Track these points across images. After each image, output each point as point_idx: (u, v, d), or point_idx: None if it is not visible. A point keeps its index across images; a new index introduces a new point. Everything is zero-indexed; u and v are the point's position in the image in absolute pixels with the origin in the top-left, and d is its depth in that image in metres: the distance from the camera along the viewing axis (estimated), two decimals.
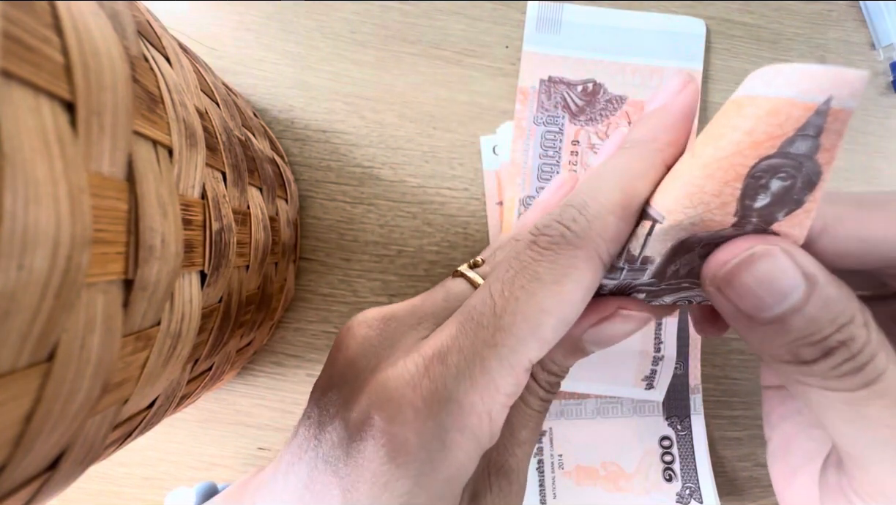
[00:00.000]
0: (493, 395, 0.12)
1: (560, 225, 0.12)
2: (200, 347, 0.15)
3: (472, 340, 0.12)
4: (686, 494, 0.26)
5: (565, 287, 0.12)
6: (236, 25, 0.27)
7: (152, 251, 0.10)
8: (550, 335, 0.12)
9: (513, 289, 0.12)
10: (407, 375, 0.12)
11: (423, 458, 0.12)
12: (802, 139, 0.09)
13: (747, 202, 0.11)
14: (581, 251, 0.12)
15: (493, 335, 0.12)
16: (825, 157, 0.10)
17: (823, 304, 0.11)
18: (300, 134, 0.27)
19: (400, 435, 0.12)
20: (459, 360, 0.12)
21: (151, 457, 0.27)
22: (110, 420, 0.11)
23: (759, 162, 0.10)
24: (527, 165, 0.27)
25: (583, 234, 0.12)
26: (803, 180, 0.10)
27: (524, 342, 0.12)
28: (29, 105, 0.07)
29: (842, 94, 0.09)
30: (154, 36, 0.13)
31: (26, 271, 0.07)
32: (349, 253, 0.27)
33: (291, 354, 0.27)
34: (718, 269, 0.12)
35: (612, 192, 0.12)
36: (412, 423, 0.12)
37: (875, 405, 0.11)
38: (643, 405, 0.27)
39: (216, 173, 0.15)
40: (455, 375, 0.12)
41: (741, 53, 0.29)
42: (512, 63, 0.28)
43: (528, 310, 0.12)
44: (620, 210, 0.12)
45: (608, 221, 0.12)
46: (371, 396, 0.12)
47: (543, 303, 0.12)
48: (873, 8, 0.29)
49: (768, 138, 0.10)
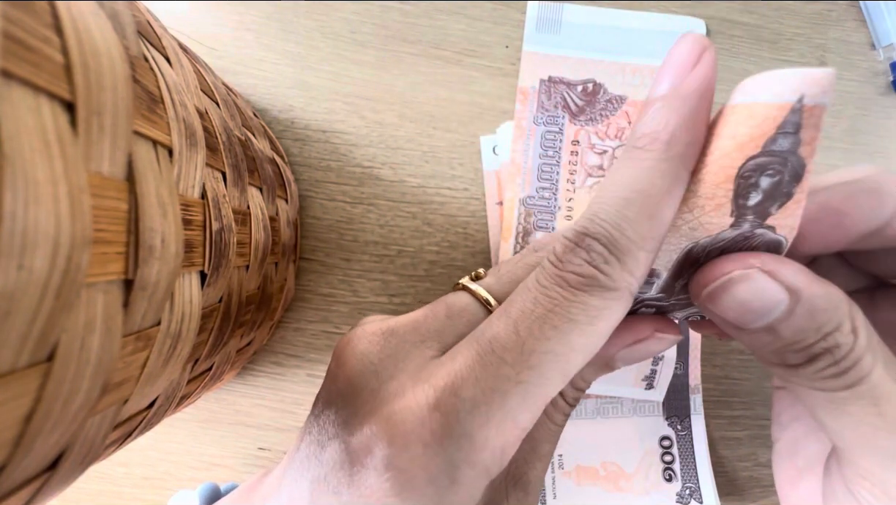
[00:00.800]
0: (509, 429, 0.12)
1: (590, 267, 0.11)
2: (200, 347, 0.15)
3: (492, 375, 0.12)
4: (686, 494, 0.26)
5: (597, 327, 0.12)
6: (236, 25, 0.27)
7: (152, 251, 0.10)
8: (574, 372, 0.12)
9: (543, 328, 0.11)
10: (416, 407, 0.12)
11: (430, 493, 0.11)
12: (783, 136, 0.10)
13: (741, 201, 0.11)
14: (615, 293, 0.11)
15: (518, 373, 0.11)
16: (807, 150, 0.10)
17: (808, 314, 0.11)
18: (300, 134, 0.27)
19: (408, 471, 0.11)
20: (476, 393, 0.11)
21: (151, 457, 0.27)
22: (110, 420, 0.11)
23: (747, 162, 0.10)
24: (527, 165, 0.27)
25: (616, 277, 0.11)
26: (790, 174, 0.11)
27: (550, 381, 0.12)
28: (29, 105, 0.07)
29: (813, 91, 0.10)
30: (154, 36, 0.13)
31: (26, 271, 0.07)
32: (349, 253, 0.27)
33: (291, 353, 0.27)
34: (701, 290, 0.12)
35: (640, 222, 0.11)
36: (420, 458, 0.11)
37: (857, 404, 0.11)
38: (643, 405, 0.27)
39: (216, 173, 0.15)
40: (469, 409, 0.11)
41: (741, 53, 0.29)
42: (512, 63, 0.28)
43: (560, 350, 0.11)
44: (651, 242, 0.11)
45: (640, 259, 0.11)
46: (375, 427, 0.12)
47: (575, 343, 0.11)
48: (873, 8, 0.29)
49: (751, 139, 0.10)
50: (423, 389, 0.12)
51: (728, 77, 0.28)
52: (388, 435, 0.12)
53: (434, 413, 0.11)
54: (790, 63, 0.29)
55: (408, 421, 0.12)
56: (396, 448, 0.11)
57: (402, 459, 0.11)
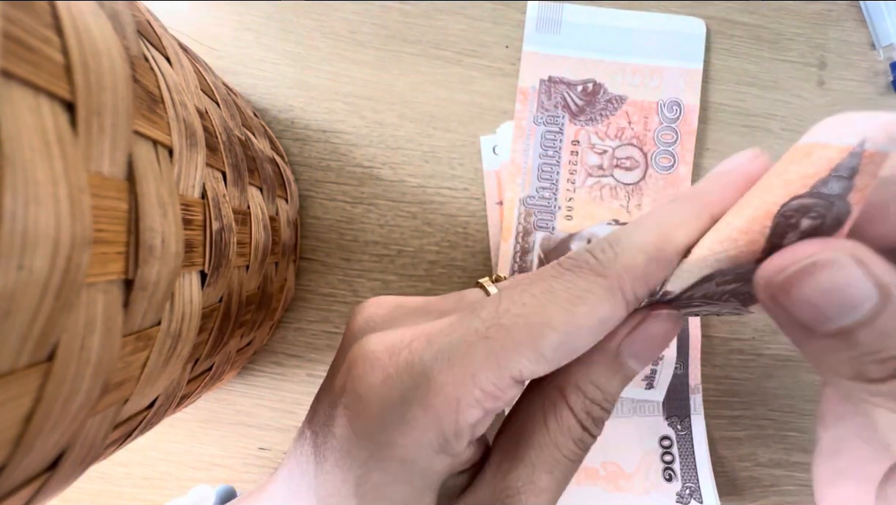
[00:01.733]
0: (467, 383, 0.11)
1: (588, 253, 0.12)
2: (200, 346, 0.15)
3: (464, 327, 0.12)
4: (686, 494, 0.26)
5: (577, 308, 0.11)
6: (236, 25, 0.27)
7: (152, 251, 0.10)
8: (549, 353, 0.11)
9: (523, 295, 0.12)
10: (389, 342, 0.12)
11: (379, 428, 0.11)
12: (836, 180, 0.09)
13: (775, 241, 0.10)
14: (602, 279, 0.11)
15: (487, 329, 0.11)
16: (857, 196, 0.10)
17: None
18: (300, 134, 0.27)
19: (364, 398, 0.12)
20: (444, 341, 0.12)
21: (151, 457, 0.27)
22: (110, 420, 0.11)
23: (791, 201, 0.10)
24: (527, 165, 0.27)
25: (608, 264, 0.12)
26: (832, 219, 0.10)
27: (518, 348, 0.11)
28: (29, 105, 0.07)
29: (877, 136, 0.09)
30: (154, 36, 0.13)
31: (26, 271, 0.07)
32: (349, 253, 0.27)
33: (292, 353, 0.27)
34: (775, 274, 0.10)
35: (646, 232, 0.12)
36: (378, 388, 0.12)
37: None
38: (643, 405, 0.27)
39: (216, 173, 0.15)
40: (435, 353, 0.11)
41: (741, 53, 0.29)
42: (512, 63, 0.28)
43: (533, 318, 0.11)
44: (652, 249, 0.12)
45: (636, 258, 0.12)
46: (352, 353, 0.12)
47: (551, 316, 0.11)
48: (873, 8, 0.29)
49: (801, 178, 0.10)
50: (402, 331, 0.12)
51: (728, 77, 0.28)
52: (356, 359, 0.12)
53: (403, 351, 0.12)
54: (790, 63, 0.29)
55: (378, 350, 0.12)
56: (360, 371, 0.12)
57: (363, 384, 0.12)
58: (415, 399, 0.11)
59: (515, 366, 0.11)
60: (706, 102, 0.28)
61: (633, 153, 0.27)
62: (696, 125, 0.28)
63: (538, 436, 0.13)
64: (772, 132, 0.28)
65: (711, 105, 0.28)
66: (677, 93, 0.28)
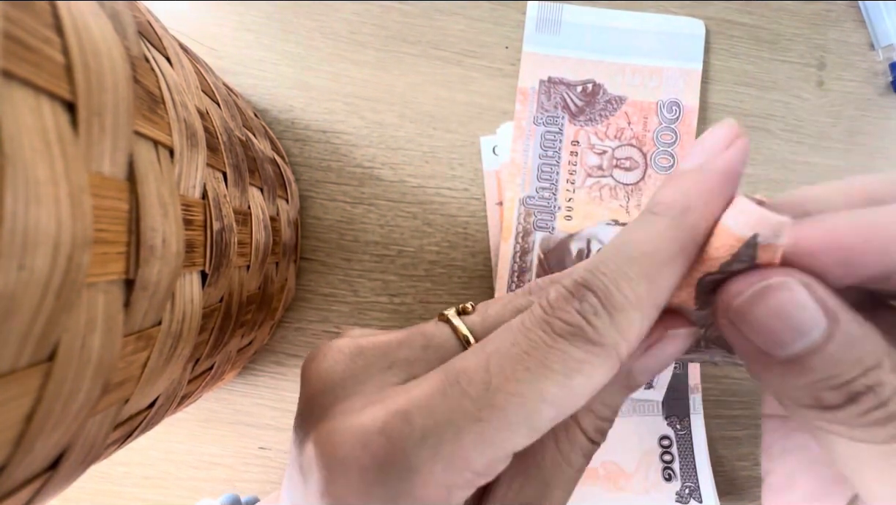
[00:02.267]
0: (459, 469, 0.11)
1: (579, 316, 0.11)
2: (201, 346, 0.15)
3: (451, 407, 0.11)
4: (685, 494, 0.26)
5: (574, 381, 0.11)
6: (236, 25, 0.27)
7: (153, 251, 0.10)
8: (545, 425, 0.11)
9: (515, 369, 0.11)
10: (360, 429, 0.11)
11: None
12: (739, 262, 0.10)
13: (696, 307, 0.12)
14: (598, 349, 0.11)
15: (478, 410, 0.11)
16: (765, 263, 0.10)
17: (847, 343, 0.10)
18: (300, 134, 0.27)
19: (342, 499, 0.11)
20: (428, 423, 0.11)
21: (152, 456, 0.27)
22: (111, 420, 0.11)
23: (705, 277, 0.11)
24: (527, 166, 0.27)
25: (603, 332, 0.11)
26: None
27: (514, 427, 0.11)
28: (30, 105, 0.07)
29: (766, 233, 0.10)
30: (155, 36, 0.13)
31: (27, 271, 0.07)
32: (349, 253, 0.27)
33: (292, 353, 0.27)
34: (732, 299, 0.11)
35: (637, 282, 0.11)
36: (356, 485, 0.11)
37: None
38: (642, 405, 0.27)
39: (217, 173, 0.15)
40: (419, 439, 0.10)
41: (741, 53, 0.29)
42: (512, 63, 0.28)
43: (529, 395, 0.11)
44: (647, 307, 0.11)
45: (633, 320, 0.11)
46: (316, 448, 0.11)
47: (547, 392, 0.11)
48: (873, 8, 0.29)
49: (711, 258, 0.11)
50: (372, 411, 0.11)
51: (727, 77, 0.28)
52: (325, 456, 0.11)
53: (379, 437, 0.11)
54: (789, 63, 0.29)
55: (348, 443, 0.11)
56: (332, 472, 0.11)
57: (338, 484, 0.11)
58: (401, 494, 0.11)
59: (510, 444, 0.11)
60: (705, 103, 0.28)
61: (632, 153, 0.28)
62: (696, 125, 0.28)
63: (550, 455, 0.13)
64: (771, 133, 0.28)
65: (711, 105, 0.28)
66: (676, 93, 0.28)
